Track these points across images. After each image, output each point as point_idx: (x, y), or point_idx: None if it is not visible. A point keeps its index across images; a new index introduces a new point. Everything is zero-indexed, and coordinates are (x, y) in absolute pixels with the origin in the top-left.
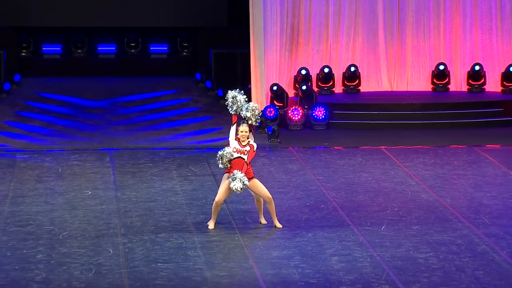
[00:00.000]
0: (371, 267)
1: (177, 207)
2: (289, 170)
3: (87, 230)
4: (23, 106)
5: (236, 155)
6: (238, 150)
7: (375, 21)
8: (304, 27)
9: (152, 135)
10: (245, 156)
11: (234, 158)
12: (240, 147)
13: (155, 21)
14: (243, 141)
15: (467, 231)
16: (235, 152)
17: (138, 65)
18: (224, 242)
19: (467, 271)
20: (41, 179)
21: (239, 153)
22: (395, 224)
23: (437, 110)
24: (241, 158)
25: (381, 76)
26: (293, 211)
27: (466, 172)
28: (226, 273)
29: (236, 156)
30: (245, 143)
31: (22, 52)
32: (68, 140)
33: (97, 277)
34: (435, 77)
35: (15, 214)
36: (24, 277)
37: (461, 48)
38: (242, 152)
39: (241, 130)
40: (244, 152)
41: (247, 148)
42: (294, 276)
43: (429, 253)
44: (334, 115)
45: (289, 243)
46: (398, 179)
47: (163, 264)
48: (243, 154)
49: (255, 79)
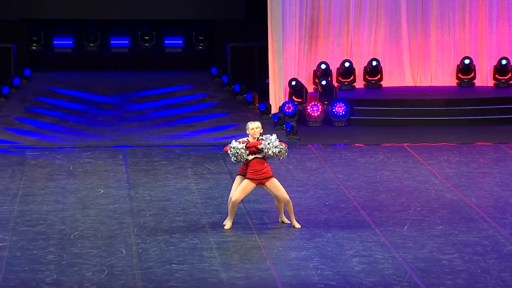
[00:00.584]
0: (393, 269)
1: (192, 206)
2: (308, 168)
3: (99, 230)
4: (33, 102)
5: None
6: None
7: (398, 13)
8: (324, 20)
9: (167, 132)
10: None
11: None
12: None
13: (170, 14)
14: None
15: (493, 231)
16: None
17: (152, 59)
18: (240, 242)
19: (493, 273)
20: (52, 177)
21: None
22: (418, 224)
23: (462, 106)
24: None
25: (404, 71)
26: (312, 211)
27: (492, 170)
28: (242, 275)
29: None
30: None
31: (33, 45)
32: (80, 137)
33: (109, 279)
34: (460, 72)
35: (25, 214)
36: (35, 278)
37: (487, 41)
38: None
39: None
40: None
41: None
42: (313, 278)
43: (454, 255)
44: (355, 111)
45: (308, 244)
46: (421, 178)
47: (177, 265)
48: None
49: (273, 73)
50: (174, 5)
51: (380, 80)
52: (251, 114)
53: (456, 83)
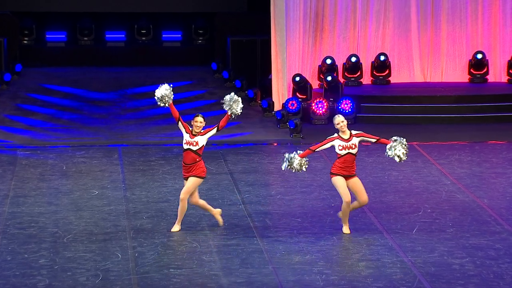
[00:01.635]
0: (401, 274)
1: (191, 208)
2: (313, 168)
3: (93, 233)
4: (25, 98)
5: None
6: (344, 147)
7: (407, 5)
8: (329, 12)
9: (164, 130)
10: (353, 151)
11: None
12: (345, 142)
13: (168, 6)
14: (344, 133)
15: (506, 234)
16: (342, 149)
17: (149, 53)
18: (242, 246)
19: (506, 278)
20: (44, 178)
21: (346, 149)
22: (428, 227)
23: (475, 102)
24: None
25: (413, 66)
26: (317, 213)
27: (506, 171)
28: (244, 280)
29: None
30: (348, 136)
31: (24, 39)
32: (74, 135)
33: (104, 284)
34: (473, 67)
35: (16, 216)
36: (26, 283)
37: (501, 34)
38: (349, 147)
39: (337, 122)
40: (351, 147)
41: (353, 142)
42: (318, 283)
43: (465, 259)
44: (362, 108)
45: (312, 248)
46: (431, 178)
47: (175, 270)
48: (350, 149)
49: (276, 69)
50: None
51: (388, 76)
52: (253, 112)
53: (468, 79)
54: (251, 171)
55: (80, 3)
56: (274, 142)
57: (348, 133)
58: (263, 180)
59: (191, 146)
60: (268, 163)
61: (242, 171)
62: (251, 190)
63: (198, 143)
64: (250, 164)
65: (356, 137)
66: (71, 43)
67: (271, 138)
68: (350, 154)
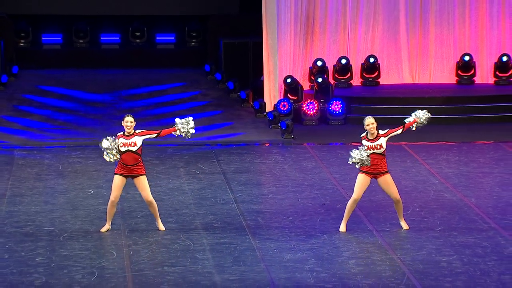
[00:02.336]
0: (390, 271)
1: (185, 207)
2: (304, 167)
3: (89, 232)
4: (21, 100)
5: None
6: (370, 147)
7: (396, 8)
8: (320, 15)
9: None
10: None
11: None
12: (371, 143)
13: (162, 9)
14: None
15: (493, 232)
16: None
17: (144, 56)
18: (234, 244)
19: (492, 276)
20: (40, 177)
21: (371, 150)
22: (417, 225)
23: (462, 104)
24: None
25: (402, 68)
26: (307, 212)
27: (492, 170)
28: (236, 277)
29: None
30: (374, 137)
31: (20, 42)
32: (69, 135)
33: (99, 281)
34: (460, 69)
35: (13, 215)
36: (23, 281)
37: (488, 37)
38: (375, 148)
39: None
40: (376, 147)
41: (378, 143)
42: (309, 280)
43: (453, 256)
44: (352, 109)
45: (304, 246)
46: (419, 178)
47: (169, 268)
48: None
49: (268, 71)
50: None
51: (378, 78)
52: (245, 113)
53: (455, 80)
54: (244, 170)
55: (75, 6)
56: (266, 143)
57: (375, 133)
58: (255, 179)
59: (130, 147)
60: (260, 163)
61: (234, 171)
62: (244, 190)
63: (136, 143)
64: (242, 164)
65: (384, 137)
66: (67, 45)
67: (263, 138)
68: (375, 154)
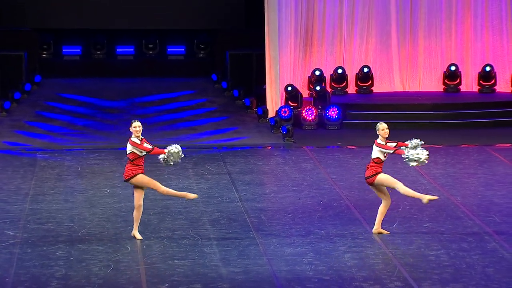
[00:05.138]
0: (383, 264)
1: (194, 205)
2: (303, 169)
3: (105, 228)
4: (44, 106)
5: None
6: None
7: (388, 23)
8: (318, 29)
9: (169, 135)
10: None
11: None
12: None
13: (173, 24)
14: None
15: (477, 228)
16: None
17: (156, 66)
18: (239, 239)
19: (477, 268)
20: (61, 178)
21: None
22: (407, 222)
23: (449, 110)
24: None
25: (393, 77)
26: (306, 209)
27: (477, 171)
28: (241, 270)
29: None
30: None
31: (43, 53)
32: (88, 139)
33: (115, 274)
34: (447, 78)
35: (35, 212)
36: (44, 273)
37: (472, 49)
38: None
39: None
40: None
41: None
42: (308, 272)
43: (440, 251)
44: (347, 115)
45: (303, 241)
46: (410, 178)
47: (179, 261)
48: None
49: (270, 79)
50: (177, 15)
51: (371, 86)
52: (249, 118)
53: (442, 88)
54: (248, 171)
55: (94, 21)
56: (268, 146)
57: (385, 140)
58: (259, 179)
59: (145, 152)
60: (263, 165)
61: (239, 172)
62: (248, 189)
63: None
64: (246, 165)
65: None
66: (86, 56)
67: (266, 142)
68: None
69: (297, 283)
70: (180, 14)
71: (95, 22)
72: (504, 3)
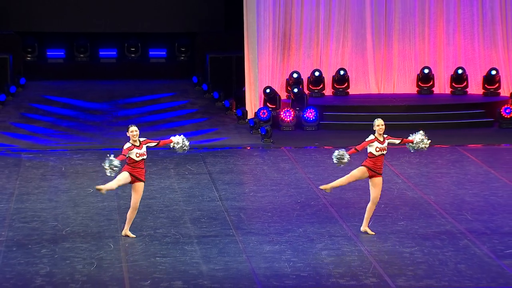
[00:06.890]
0: (359, 261)
1: (175, 204)
2: (282, 168)
3: (89, 226)
4: (28, 108)
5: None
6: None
7: (363, 27)
8: (295, 32)
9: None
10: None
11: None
12: (381, 144)
13: (154, 27)
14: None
15: (450, 226)
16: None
17: (138, 68)
18: (219, 237)
19: (450, 265)
20: (45, 178)
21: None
22: (382, 220)
23: (422, 111)
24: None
25: (369, 79)
26: (285, 208)
27: (449, 171)
28: (221, 267)
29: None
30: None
31: (27, 56)
32: (71, 140)
33: (98, 271)
34: (420, 80)
35: (20, 211)
36: (29, 270)
37: (445, 52)
38: (384, 149)
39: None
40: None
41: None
42: (286, 269)
43: (414, 248)
44: (324, 116)
45: (281, 238)
46: (385, 177)
47: (161, 258)
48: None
49: (249, 82)
50: (158, 18)
51: (347, 88)
52: (229, 120)
53: (416, 90)
54: (228, 171)
55: (77, 24)
56: (247, 146)
57: (383, 136)
58: (238, 179)
59: (143, 157)
60: (243, 165)
61: (219, 172)
62: (228, 188)
63: (146, 152)
64: (226, 165)
65: (387, 139)
66: (69, 59)
67: (245, 142)
68: (382, 155)
69: (276, 280)
70: (161, 17)
71: (78, 25)
72: (476, 8)
